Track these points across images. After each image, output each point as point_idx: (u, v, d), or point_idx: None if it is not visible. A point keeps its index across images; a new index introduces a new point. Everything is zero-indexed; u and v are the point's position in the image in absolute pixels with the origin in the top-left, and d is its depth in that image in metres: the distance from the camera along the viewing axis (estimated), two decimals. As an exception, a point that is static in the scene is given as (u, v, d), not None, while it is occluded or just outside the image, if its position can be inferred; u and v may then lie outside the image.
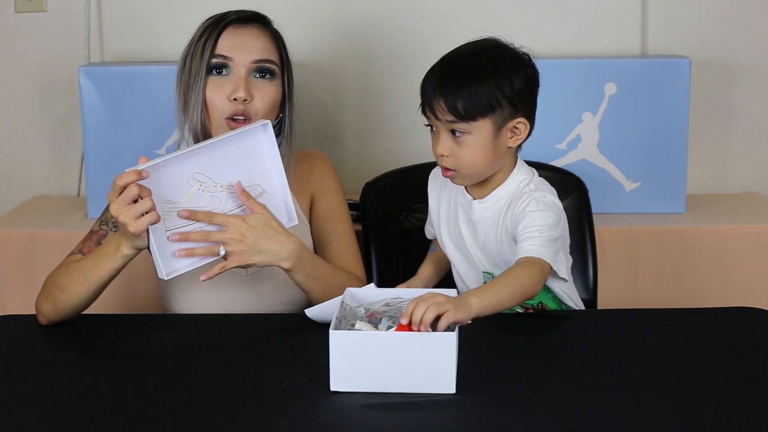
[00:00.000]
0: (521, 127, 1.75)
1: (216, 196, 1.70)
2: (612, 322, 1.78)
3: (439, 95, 1.72)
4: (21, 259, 2.44)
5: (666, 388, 1.47)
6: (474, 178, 1.78)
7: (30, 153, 2.79)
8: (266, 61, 1.84)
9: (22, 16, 2.72)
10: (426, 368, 1.44)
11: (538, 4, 2.69)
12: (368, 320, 1.51)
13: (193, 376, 1.54)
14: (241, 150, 1.71)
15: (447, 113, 1.72)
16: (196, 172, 1.68)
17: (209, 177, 1.69)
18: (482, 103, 1.70)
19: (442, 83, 1.72)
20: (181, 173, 1.66)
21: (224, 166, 1.70)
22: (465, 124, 1.71)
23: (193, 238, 1.69)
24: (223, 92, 1.81)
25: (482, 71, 1.72)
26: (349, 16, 2.70)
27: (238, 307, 1.88)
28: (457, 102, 1.70)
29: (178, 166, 1.66)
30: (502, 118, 1.73)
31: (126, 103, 2.48)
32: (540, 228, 1.71)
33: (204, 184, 1.68)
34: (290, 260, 1.74)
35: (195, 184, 1.68)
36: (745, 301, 2.10)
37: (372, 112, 2.75)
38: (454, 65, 1.75)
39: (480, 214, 1.81)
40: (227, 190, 1.71)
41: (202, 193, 1.69)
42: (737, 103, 2.72)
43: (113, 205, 1.61)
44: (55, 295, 1.74)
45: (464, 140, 1.73)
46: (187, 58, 1.85)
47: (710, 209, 2.59)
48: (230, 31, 1.83)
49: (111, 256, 1.70)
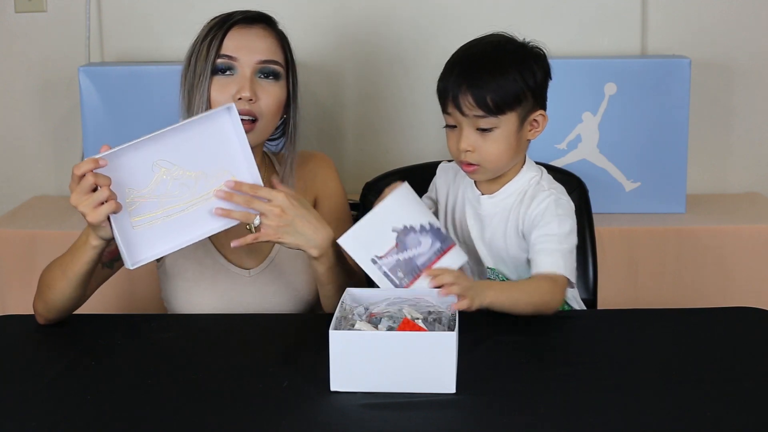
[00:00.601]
0: (540, 120, 1.76)
1: (184, 183, 1.66)
2: (612, 322, 1.77)
3: (466, 89, 1.70)
4: (21, 259, 2.44)
5: (666, 388, 1.47)
6: (496, 172, 1.78)
7: (30, 153, 2.79)
8: (271, 62, 1.84)
9: (22, 16, 2.72)
10: (426, 368, 1.43)
11: (538, 4, 2.69)
12: (368, 320, 1.51)
13: (193, 376, 1.54)
14: (205, 135, 1.66)
15: (475, 108, 1.70)
16: (160, 159, 1.63)
17: (174, 163, 1.65)
18: (510, 96, 1.70)
19: (469, 77, 1.70)
20: (144, 160, 1.62)
21: (189, 152, 1.65)
22: (493, 118, 1.71)
23: (237, 200, 1.66)
24: (227, 92, 1.81)
25: (507, 65, 1.71)
26: (349, 17, 2.71)
27: (240, 308, 1.88)
28: (486, 96, 1.69)
29: (140, 153, 1.61)
30: (525, 110, 1.73)
31: (126, 103, 2.48)
32: (559, 238, 1.72)
33: (169, 171, 1.64)
34: (320, 249, 1.72)
35: (159, 171, 1.64)
36: (745, 301, 2.10)
37: (372, 113, 2.75)
38: (478, 60, 1.73)
39: (489, 209, 1.81)
40: (195, 177, 1.67)
41: (168, 181, 1.64)
42: (737, 103, 2.73)
43: (72, 196, 1.59)
44: (44, 293, 1.74)
45: (490, 134, 1.72)
46: (191, 57, 1.85)
47: (710, 209, 2.59)
48: (236, 32, 1.83)
49: (82, 249, 1.68)
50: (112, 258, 1.83)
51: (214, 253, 1.89)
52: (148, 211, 1.65)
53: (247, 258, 1.91)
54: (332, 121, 2.76)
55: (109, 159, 1.58)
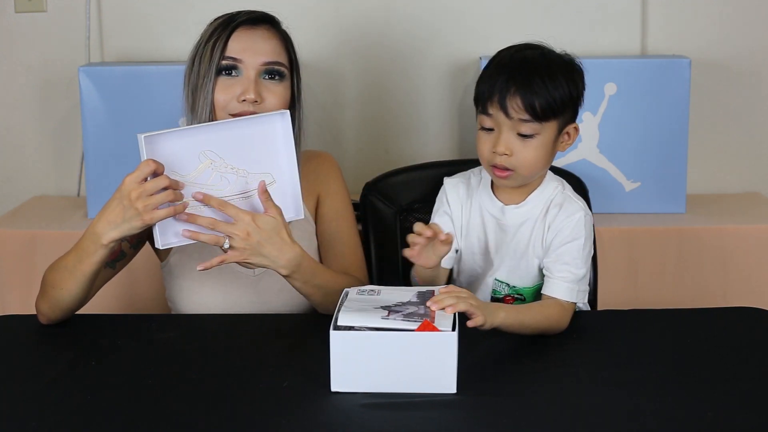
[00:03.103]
0: (572, 132, 1.76)
1: (225, 177, 1.69)
2: (612, 322, 1.78)
3: (516, 92, 1.69)
4: (21, 259, 2.44)
5: (666, 388, 1.47)
6: (526, 180, 1.78)
7: (30, 153, 2.79)
8: (276, 64, 1.84)
9: (22, 16, 2.72)
10: (427, 368, 1.44)
11: (538, 4, 2.69)
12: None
13: (193, 376, 1.54)
14: (256, 135, 1.70)
15: (521, 111, 1.70)
16: (209, 149, 1.67)
17: (221, 156, 1.68)
18: (558, 103, 1.70)
19: (519, 80, 1.70)
20: (193, 147, 1.66)
21: (237, 149, 1.69)
22: (536, 124, 1.70)
23: (201, 222, 1.67)
24: (232, 93, 1.81)
25: (556, 72, 1.72)
26: (349, 17, 2.71)
27: (245, 307, 1.87)
28: (535, 101, 1.69)
29: (190, 139, 1.65)
30: (564, 120, 1.74)
31: (126, 103, 2.48)
32: (577, 261, 1.75)
33: (215, 162, 1.68)
34: (288, 269, 1.73)
35: (206, 161, 1.67)
36: (745, 301, 2.10)
37: (372, 112, 2.75)
38: (528, 65, 1.72)
39: (515, 219, 1.80)
40: (237, 173, 1.70)
41: (211, 172, 1.68)
42: (737, 103, 2.72)
43: (134, 193, 1.60)
44: (49, 293, 1.74)
45: (530, 141, 1.72)
46: (195, 58, 1.84)
47: (710, 209, 2.59)
48: (240, 33, 1.83)
49: (91, 248, 1.67)
50: (114, 258, 1.83)
51: (219, 253, 1.89)
52: (188, 197, 1.67)
53: None
54: (332, 121, 2.76)
55: (163, 140, 1.62)
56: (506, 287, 1.83)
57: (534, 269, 1.81)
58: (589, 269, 1.79)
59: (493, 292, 1.84)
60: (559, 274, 1.75)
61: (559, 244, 1.76)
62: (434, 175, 2.10)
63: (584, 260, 1.76)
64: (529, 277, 1.82)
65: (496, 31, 2.71)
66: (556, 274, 1.75)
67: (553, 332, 1.69)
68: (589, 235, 1.78)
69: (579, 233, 1.76)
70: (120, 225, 1.64)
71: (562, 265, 1.75)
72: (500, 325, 1.60)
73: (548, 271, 1.76)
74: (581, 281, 1.75)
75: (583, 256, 1.76)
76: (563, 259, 1.75)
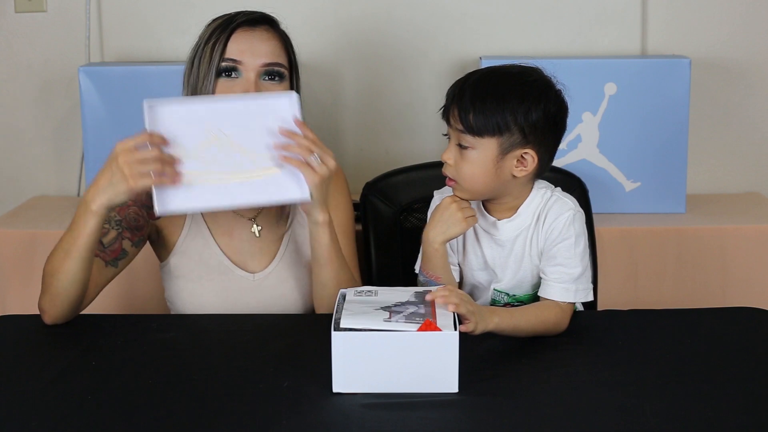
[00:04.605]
0: (528, 159, 1.74)
1: (230, 155, 1.67)
2: (612, 322, 1.78)
3: (456, 103, 1.73)
4: (21, 259, 2.44)
5: (666, 388, 1.47)
6: (473, 195, 1.78)
7: (30, 153, 2.79)
8: (275, 65, 1.84)
9: (22, 16, 2.72)
10: (428, 368, 1.44)
11: (538, 4, 2.70)
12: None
13: (194, 377, 1.53)
14: (263, 114, 1.69)
15: (458, 122, 1.72)
16: (214, 124, 1.66)
17: (226, 133, 1.66)
18: (491, 122, 1.70)
19: (461, 92, 1.73)
20: (199, 120, 1.65)
21: (244, 127, 1.67)
22: (471, 137, 1.72)
23: (299, 141, 1.68)
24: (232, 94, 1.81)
25: (503, 93, 1.71)
26: (349, 17, 2.71)
27: (244, 310, 1.87)
28: (469, 114, 1.71)
29: (197, 110, 1.64)
30: (509, 143, 1.72)
31: (126, 103, 2.48)
32: (570, 261, 1.74)
33: (220, 139, 1.66)
34: (327, 214, 1.77)
35: (211, 136, 1.66)
36: (745, 301, 2.10)
37: (372, 112, 2.75)
38: (480, 80, 1.74)
39: (509, 233, 1.80)
40: (242, 153, 1.68)
41: (215, 148, 1.66)
42: (737, 103, 2.73)
43: (124, 156, 1.60)
44: (49, 284, 1.73)
45: (468, 154, 1.73)
46: (195, 59, 1.85)
47: (710, 209, 2.59)
48: (240, 34, 1.83)
49: (82, 219, 1.67)
50: (116, 257, 1.83)
51: (219, 255, 1.89)
52: (189, 168, 1.65)
53: (252, 261, 1.91)
54: (332, 121, 2.76)
55: (166, 108, 1.62)
56: (506, 296, 1.83)
57: (534, 278, 1.81)
58: (588, 266, 1.79)
59: (492, 302, 1.84)
60: (553, 276, 1.75)
61: (550, 245, 1.76)
62: (434, 175, 2.10)
63: (579, 259, 1.75)
64: (529, 285, 1.82)
65: (496, 31, 2.71)
66: (550, 276, 1.75)
67: (552, 334, 1.69)
68: (580, 233, 1.77)
69: (569, 232, 1.76)
70: (106, 189, 1.64)
71: (555, 266, 1.75)
72: (494, 329, 1.60)
73: (543, 273, 1.77)
74: (578, 280, 1.75)
75: (577, 255, 1.75)
76: (556, 260, 1.75)
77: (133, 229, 1.86)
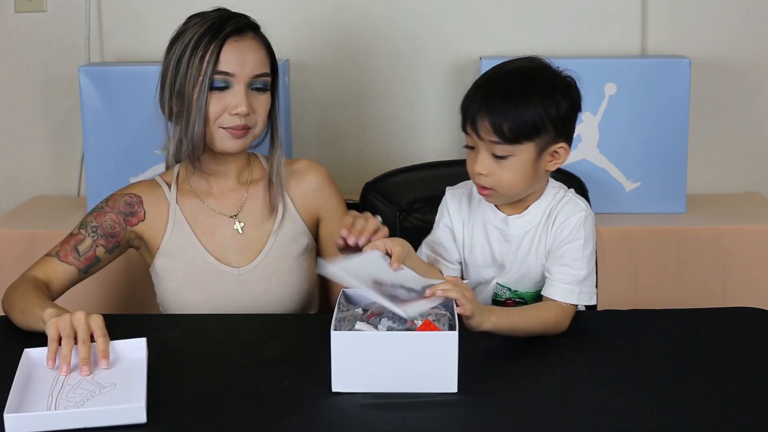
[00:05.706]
0: (561, 152, 1.73)
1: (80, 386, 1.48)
2: (612, 322, 1.77)
3: (485, 115, 1.67)
4: (21, 259, 2.43)
5: (666, 388, 1.47)
6: (510, 198, 1.77)
7: (30, 153, 2.79)
8: (263, 75, 1.86)
9: (22, 16, 2.72)
10: (428, 368, 1.44)
11: (538, 4, 2.70)
12: (367, 321, 1.51)
13: (193, 377, 1.53)
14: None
15: (491, 134, 1.68)
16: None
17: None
18: (528, 126, 1.67)
19: (488, 102, 1.68)
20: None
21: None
22: (509, 146, 1.68)
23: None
24: (222, 106, 1.82)
25: (530, 93, 1.68)
26: (348, 17, 2.71)
27: (230, 307, 1.88)
28: (503, 123, 1.66)
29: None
30: (545, 142, 1.70)
31: (126, 103, 2.48)
32: (577, 262, 1.74)
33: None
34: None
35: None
36: (745, 301, 2.10)
37: (372, 112, 2.75)
38: (502, 84, 1.70)
39: (519, 229, 1.79)
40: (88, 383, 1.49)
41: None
42: (737, 103, 2.73)
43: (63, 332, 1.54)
44: (9, 310, 1.77)
45: (505, 162, 1.70)
46: (180, 63, 1.83)
47: (710, 209, 2.59)
48: (231, 45, 1.82)
49: (39, 321, 1.65)
50: (89, 264, 1.87)
51: (203, 253, 1.90)
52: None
53: (236, 257, 1.91)
54: (332, 121, 2.76)
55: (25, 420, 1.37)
56: (507, 291, 1.83)
57: (538, 276, 1.80)
58: (594, 271, 1.78)
59: (494, 295, 1.84)
60: (558, 276, 1.74)
61: (558, 245, 1.76)
62: (434, 175, 2.11)
63: (586, 261, 1.75)
64: (532, 282, 1.81)
65: (496, 31, 2.71)
66: (555, 276, 1.75)
67: (551, 334, 1.68)
68: (590, 236, 1.77)
69: (578, 234, 1.75)
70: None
71: (561, 267, 1.74)
72: (491, 328, 1.59)
73: (548, 272, 1.76)
74: (583, 283, 1.74)
75: (584, 257, 1.75)
76: (562, 260, 1.75)
77: (108, 236, 1.88)
